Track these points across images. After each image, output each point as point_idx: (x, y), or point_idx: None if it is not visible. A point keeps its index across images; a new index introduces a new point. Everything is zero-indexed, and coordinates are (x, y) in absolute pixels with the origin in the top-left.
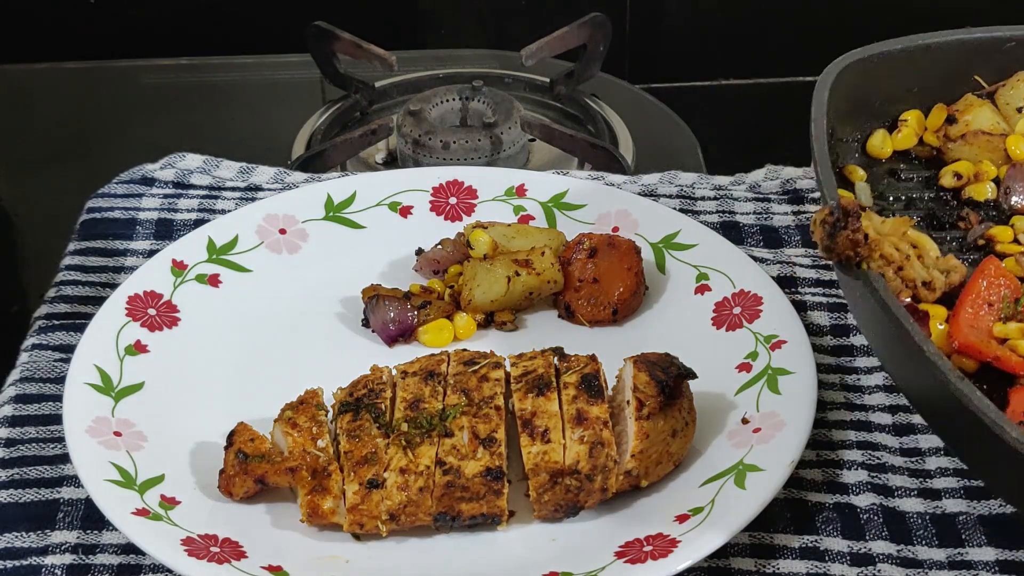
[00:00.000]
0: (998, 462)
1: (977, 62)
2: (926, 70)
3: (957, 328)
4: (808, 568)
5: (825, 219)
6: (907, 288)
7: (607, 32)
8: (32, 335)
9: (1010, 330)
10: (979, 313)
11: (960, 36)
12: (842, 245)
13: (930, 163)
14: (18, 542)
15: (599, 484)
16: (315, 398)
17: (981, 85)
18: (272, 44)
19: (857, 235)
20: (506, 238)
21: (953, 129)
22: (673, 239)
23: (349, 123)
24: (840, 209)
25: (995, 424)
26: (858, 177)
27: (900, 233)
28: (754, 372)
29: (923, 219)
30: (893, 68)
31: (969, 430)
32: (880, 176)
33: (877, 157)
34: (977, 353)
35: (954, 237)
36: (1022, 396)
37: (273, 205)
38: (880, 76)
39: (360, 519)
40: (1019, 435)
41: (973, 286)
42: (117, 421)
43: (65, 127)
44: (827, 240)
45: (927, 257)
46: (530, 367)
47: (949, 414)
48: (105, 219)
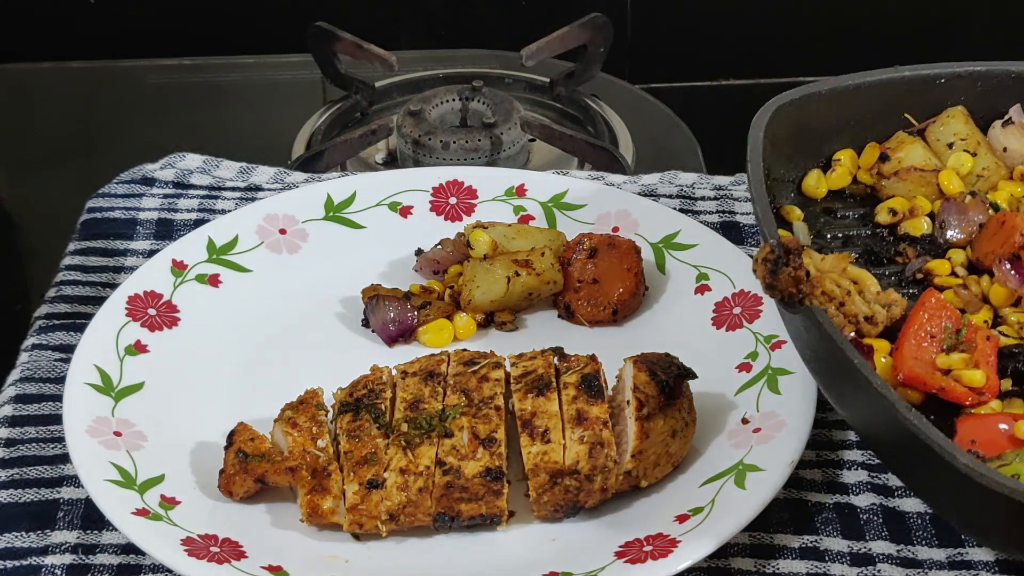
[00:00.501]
0: (949, 489)
1: (908, 99)
2: (858, 109)
3: (901, 360)
4: (808, 568)
5: (767, 257)
6: (849, 323)
7: (607, 33)
8: (32, 335)
9: (953, 361)
10: (922, 345)
11: (889, 75)
12: (784, 282)
13: (865, 200)
14: (18, 542)
15: (599, 484)
16: (315, 398)
17: (911, 123)
18: (272, 44)
19: (799, 272)
20: (506, 238)
21: (886, 166)
22: (673, 239)
23: (349, 123)
24: (781, 247)
25: (945, 452)
26: (795, 217)
27: (840, 269)
28: (754, 372)
29: (861, 256)
30: (825, 108)
31: (919, 459)
32: (817, 215)
33: (813, 197)
34: (922, 384)
35: (893, 272)
36: (969, 425)
37: (273, 205)
38: (812, 116)
39: (360, 519)
40: (968, 461)
41: (915, 319)
42: (117, 421)
43: (66, 127)
44: (769, 278)
45: (868, 292)
46: (530, 367)
47: (899, 445)
48: (105, 219)
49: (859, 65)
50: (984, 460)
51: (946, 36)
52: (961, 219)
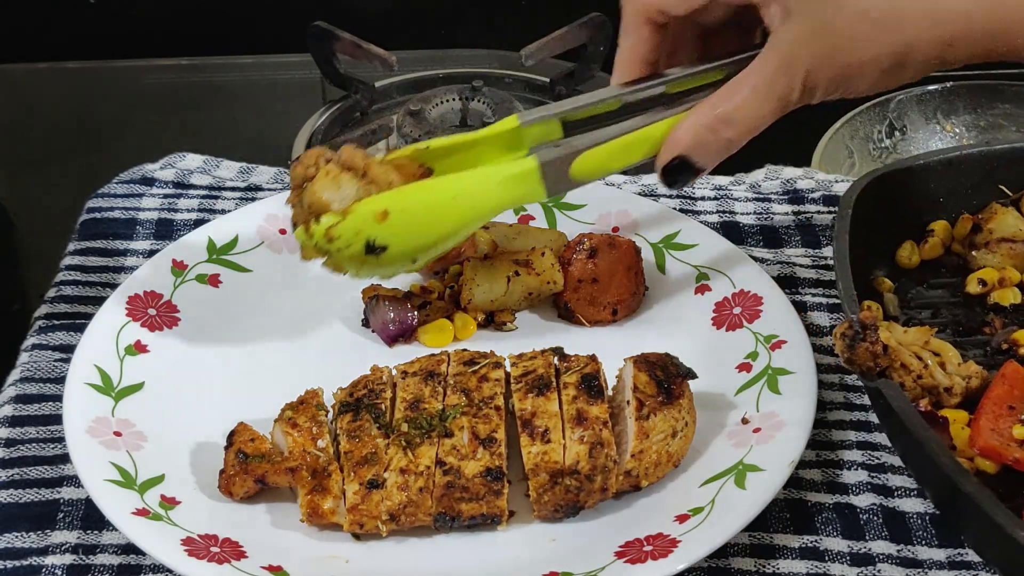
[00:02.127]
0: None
1: (1000, 171)
2: (951, 181)
3: (978, 431)
4: (808, 568)
5: (845, 332)
6: (928, 394)
7: (607, 32)
8: (32, 335)
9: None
10: (1000, 415)
11: (981, 148)
12: (862, 357)
13: (957, 271)
14: (18, 542)
15: (599, 484)
16: (315, 398)
17: (1005, 193)
18: (272, 44)
19: (876, 347)
20: (507, 238)
21: (979, 237)
22: (673, 239)
23: (349, 123)
24: (859, 323)
25: (1006, 525)
26: (886, 288)
27: (921, 342)
28: (754, 372)
29: (949, 326)
30: (917, 181)
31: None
32: (909, 285)
33: (906, 267)
34: (997, 456)
35: (979, 342)
36: None
37: (273, 205)
38: (905, 189)
39: (360, 519)
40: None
41: (995, 390)
42: (117, 421)
43: (65, 127)
44: (847, 352)
45: (949, 364)
46: (530, 367)
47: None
48: (105, 219)
49: None
50: None
51: None
52: None
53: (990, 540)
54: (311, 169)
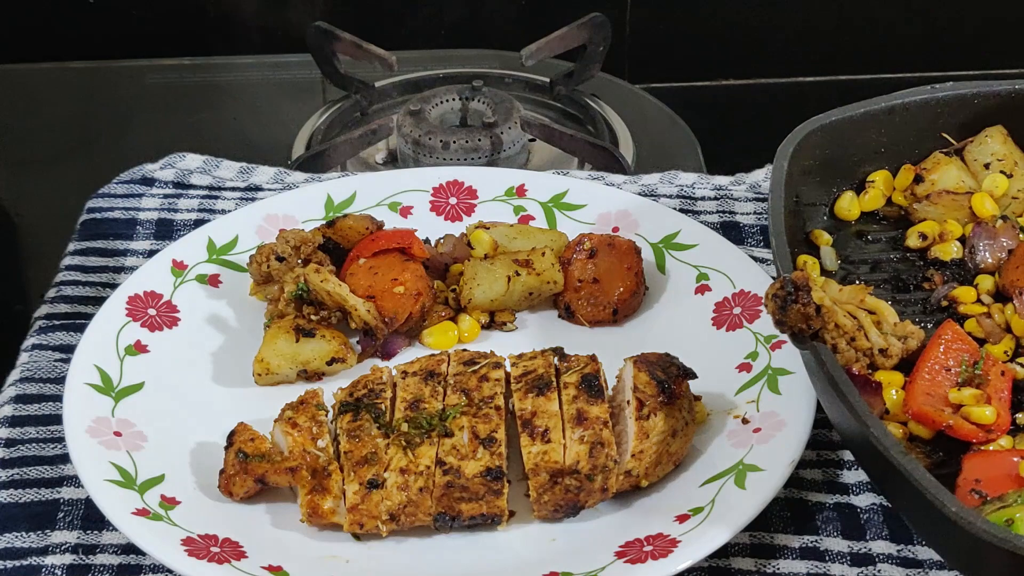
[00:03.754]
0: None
1: (945, 119)
2: (893, 130)
3: (912, 395)
4: (808, 568)
5: (776, 293)
6: (863, 356)
7: (607, 32)
8: (32, 335)
9: (964, 396)
10: (936, 379)
11: (925, 96)
12: (793, 319)
13: (898, 223)
14: (18, 542)
15: (599, 484)
16: (315, 398)
17: (949, 142)
18: (272, 44)
19: (808, 308)
20: (508, 238)
21: (920, 188)
22: (673, 239)
23: (349, 123)
24: (791, 283)
25: (935, 499)
26: (823, 242)
27: (857, 301)
28: (754, 372)
29: (888, 282)
30: (858, 130)
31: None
32: (848, 238)
33: (845, 219)
34: (930, 422)
35: (919, 299)
36: (975, 462)
37: (273, 205)
38: (845, 139)
39: (360, 519)
40: (958, 508)
41: (931, 351)
42: (117, 421)
43: (66, 127)
44: (779, 314)
45: (885, 323)
46: (530, 367)
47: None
48: (105, 219)
49: (860, 65)
50: (985, 500)
51: (949, 37)
52: (991, 244)
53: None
54: (264, 266)
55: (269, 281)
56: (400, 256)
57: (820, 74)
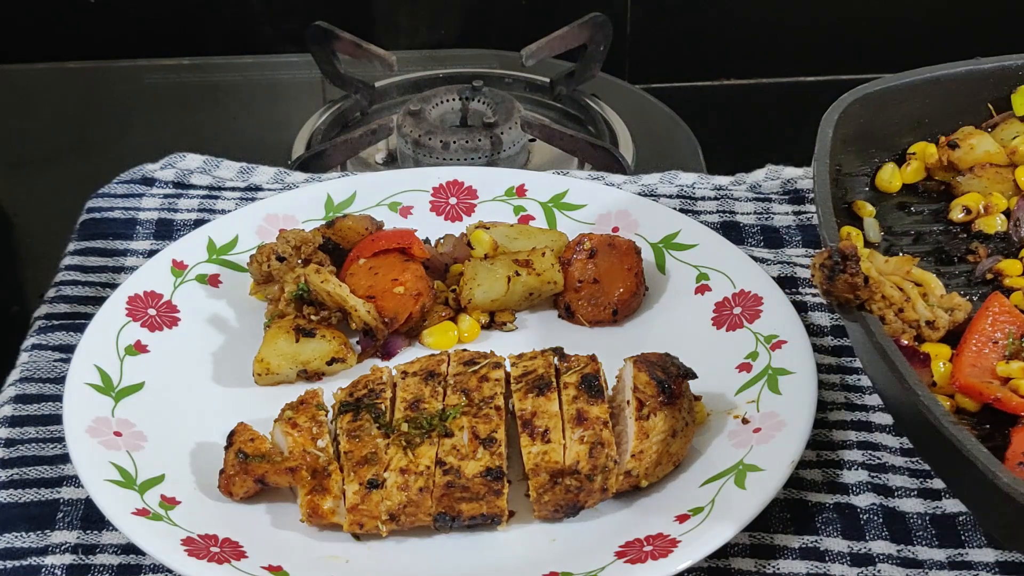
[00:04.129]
0: (992, 503)
1: (987, 91)
2: (936, 102)
3: (959, 368)
4: (808, 568)
5: (824, 263)
6: (910, 328)
7: (607, 32)
8: (32, 335)
9: (1013, 369)
10: (983, 351)
11: (968, 67)
12: (841, 289)
13: (941, 196)
14: (18, 542)
15: (599, 484)
16: (315, 398)
17: (992, 114)
18: (272, 44)
19: (856, 279)
20: (508, 239)
21: (956, 155)
22: (673, 239)
23: (349, 123)
24: (839, 253)
25: (987, 469)
26: (867, 213)
27: (903, 272)
28: (754, 372)
29: (932, 254)
30: (901, 102)
31: (965, 472)
32: (890, 210)
33: (886, 191)
34: (977, 395)
35: (963, 272)
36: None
37: (273, 205)
38: (888, 110)
39: (360, 519)
40: (1011, 479)
41: (978, 324)
42: (117, 421)
43: (65, 127)
44: (826, 284)
45: (931, 295)
46: (530, 367)
47: (946, 456)
48: (105, 219)
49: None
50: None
51: (950, 35)
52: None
53: (970, 483)
54: (264, 266)
55: (269, 281)
56: (400, 256)
57: (820, 74)
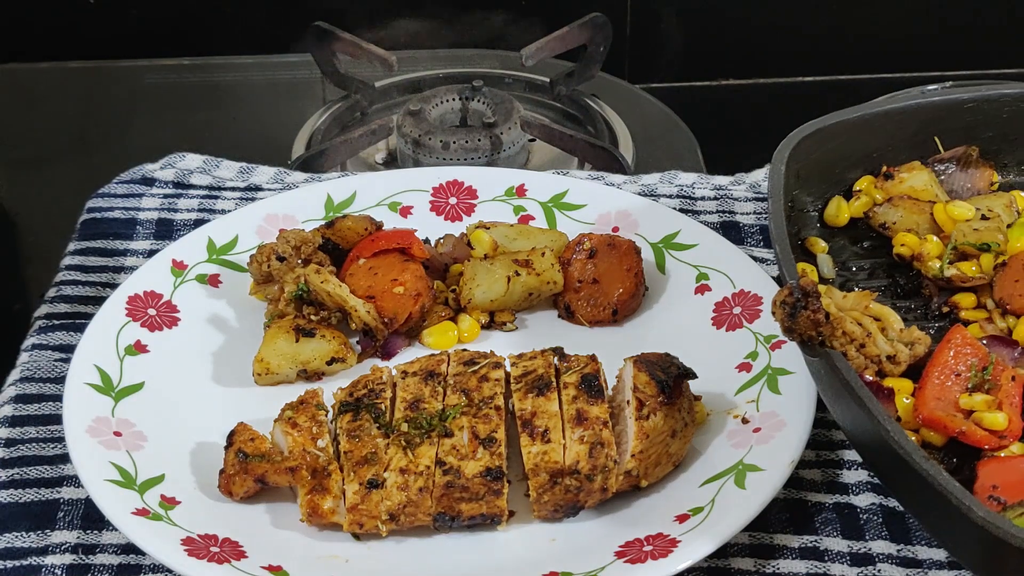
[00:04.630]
0: (964, 536)
1: (936, 124)
2: (885, 135)
3: (923, 402)
4: (808, 568)
5: (785, 300)
6: (872, 364)
7: (607, 32)
8: (32, 335)
9: (976, 402)
10: (946, 384)
11: (918, 101)
12: (803, 326)
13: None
14: (18, 542)
15: (599, 484)
16: (315, 398)
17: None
18: (272, 44)
19: (818, 315)
20: (508, 239)
21: (887, 186)
22: (673, 239)
23: (349, 123)
24: (800, 289)
25: (961, 503)
26: (820, 249)
27: (862, 308)
28: (754, 372)
29: (887, 288)
30: (851, 135)
31: (937, 508)
32: (842, 245)
33: (834, 225)
34: (943, 428)
35: (918, 305)
36: (991, 469)
37: (273, 205)
38: (839, 143)
39: (360, 519)
40: (986, 512)
41: (940, 357)
42: (117, 421)
43: (66, 127)
44: (788, 321)
45: (891, 330)
46: (530, 367)
47: (917, 490)
48: (105, 219)
49: (859, 65)
50: (1005, 506)
51: (949, 37)
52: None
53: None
54: (264, 266)
55: (269, 281)
56: (400, 256)
57: (820, 74)
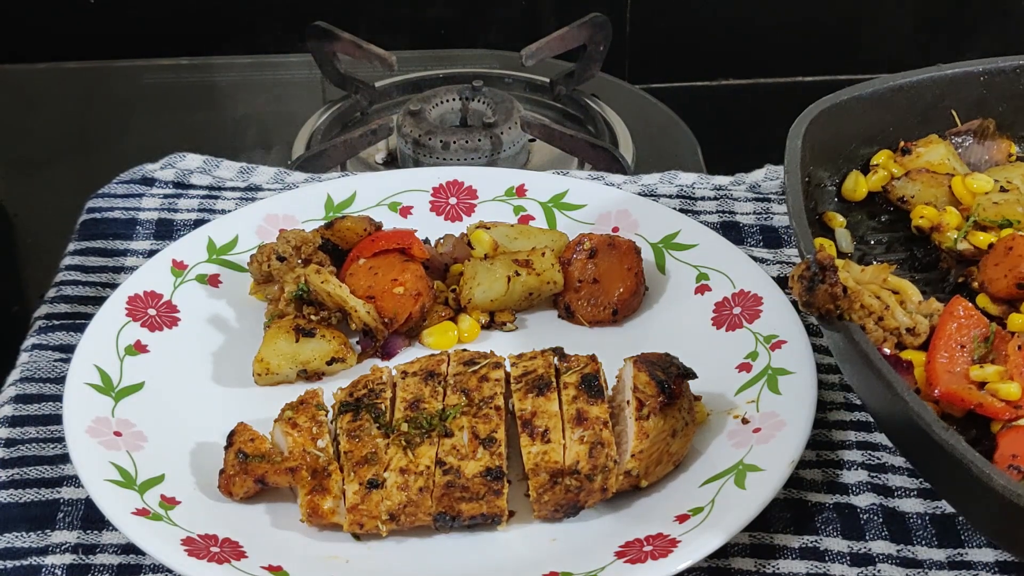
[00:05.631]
0: (986, 506)
1: (951, 98)
2: (902, 110)
3: (935, 376)
4: (808, 568)
5: (803, 274)
6: (891, 336)
7: (607, 32)
8: (32, 335)
9: (988, 373)
10: (954, 356)
11: (931, 74)
12: (821, 300)
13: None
14: (18, 542)
15: (599, 484)
16: (315, 398)
17: (956, 120)
18: (272, 44)
19: (836, 289)
20: (508, 239)
21: (905, 160)
22: (673, 239)
23: (349, 123)
24: (817, 264)
25: (982, 472)
26: (837, 224)
27: (880, 281)
28: (754, 372)
29: (905, 261)
30: (866, 111)
31: (958, 477)
32: (860, 220)
33: (852, 200)
34: (960, 401)
35: (937, 277)
36: (1010, 439)
37: (273, 205)
38: (854, 120)
39: (360, 519)
40: (1007, 482)
41: (943, 329)
42: (117, 421)
43: (65, 127)
44: (806, 295)
45: (909, 303)
46: (530, 367)
47: (937, 461)
48: (105, 219)
49: (859, 65)
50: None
51: (948, 37)
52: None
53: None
54: (264, 266)
55: (269, 281)
56: (400, 256)
57: (820, 74)
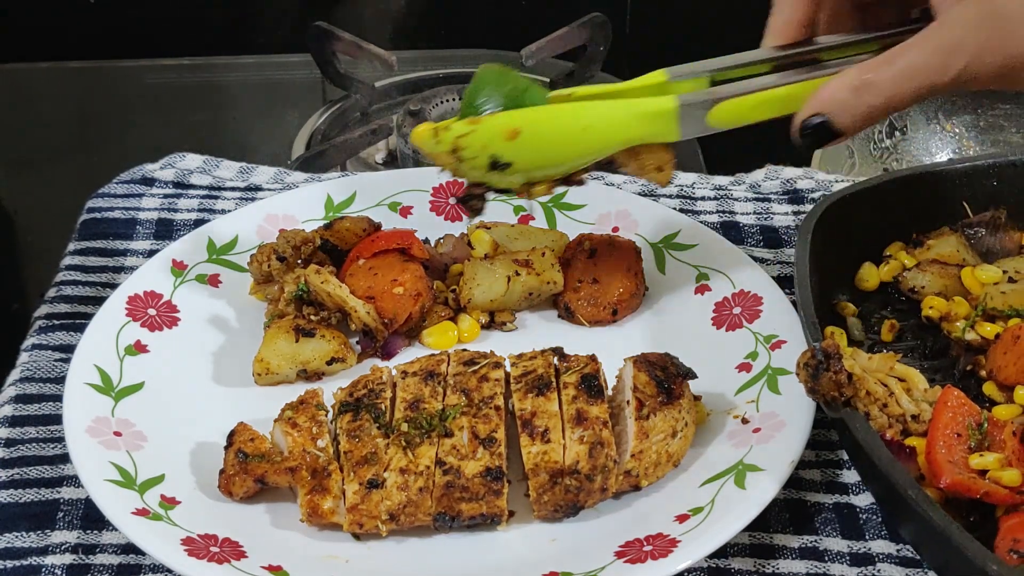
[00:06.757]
0: None
1: (962, 190)
2: (911, 201)
3: (938, 467)
4: (808, 568)
5: (808, 362)
6: (896, 423)
7: (607, 32)
8: (32, 335)
9: (988, 462)
10: (951, 446)
11: (942, 167)
12: (826, 387)
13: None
14: (18, 542)
15: (599, 484)
16: (315, 398)
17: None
18: (272, 44)
19: (840, 376)
20: (508, 238)
21: (917, 252)
22: (673, 239)
23: (349, 123)
24: (822, 351)
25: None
26: (850, 312)
27: (887, 368)
28: (754, 372)
29: (915, 349)
30: (878, 201)
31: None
32: (872, 308)
33: (866, 290)
34: (967, 491)
35: (946, 365)
36: (1013, 523)
37: (273, 205)
38: (865, 210)
39: (360, 519)
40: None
41: (938, 420)
42: (117, 421)
43: (66, 127)
44: (811, 382)
45: (915, 390)
46: (530, 367)
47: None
48: (105, 219)
49: None
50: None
51: None
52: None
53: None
54: (264, 266)
55: (269, 281)
56: (400, 256)
57: None
